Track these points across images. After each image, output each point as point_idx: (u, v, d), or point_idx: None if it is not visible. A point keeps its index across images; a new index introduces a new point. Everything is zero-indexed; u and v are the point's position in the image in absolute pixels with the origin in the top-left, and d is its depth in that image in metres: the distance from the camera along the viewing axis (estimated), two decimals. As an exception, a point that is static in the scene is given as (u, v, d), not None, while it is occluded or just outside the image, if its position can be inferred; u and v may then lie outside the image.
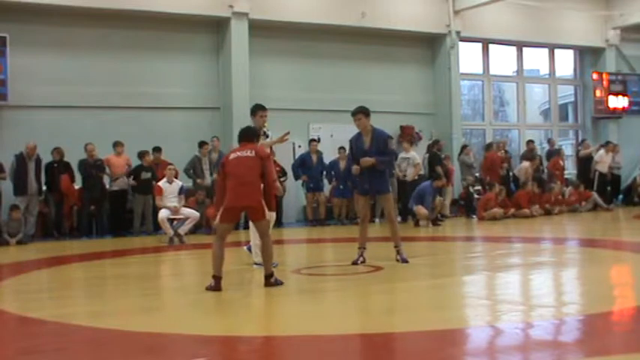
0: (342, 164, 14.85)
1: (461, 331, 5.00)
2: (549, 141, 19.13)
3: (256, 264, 7.96)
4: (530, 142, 17.90)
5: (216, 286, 6.66)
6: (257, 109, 8.43)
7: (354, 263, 8.09)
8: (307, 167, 15.07)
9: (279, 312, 6.08)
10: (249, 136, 7.20)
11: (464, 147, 16.76)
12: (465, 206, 16.17)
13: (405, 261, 8.14)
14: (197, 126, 15.19)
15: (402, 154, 14.93)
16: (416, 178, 14.87)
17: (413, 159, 14.91)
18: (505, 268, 8.25)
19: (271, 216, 7.47)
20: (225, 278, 6.78)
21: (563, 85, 21.10)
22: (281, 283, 6.87)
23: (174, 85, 15.28)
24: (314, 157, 15.14)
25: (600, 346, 4.48)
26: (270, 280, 6.83)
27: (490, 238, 11.78)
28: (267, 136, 8.37)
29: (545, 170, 17.66)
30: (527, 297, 6.57)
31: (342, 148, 14.91)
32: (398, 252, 8.24)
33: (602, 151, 17.81)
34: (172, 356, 4.52)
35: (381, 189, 8.30)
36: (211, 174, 13.91)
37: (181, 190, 12.25)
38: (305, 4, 16.12)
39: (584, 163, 18.05)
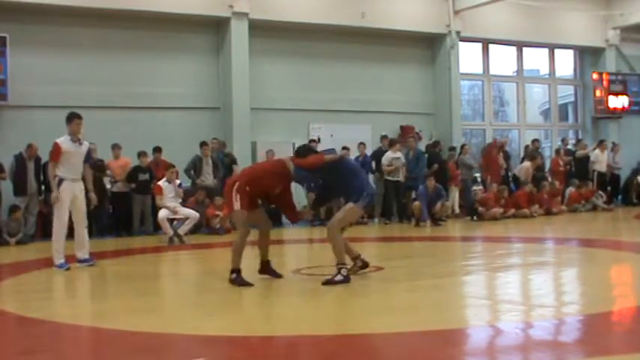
0: None
1: (461, 331, 5.00)
2: (563, 140, 19.15)
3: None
4: (535, 140, 17.86)
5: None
6: (73, 117, 8.80)
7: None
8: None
9: (279, 312, 6.07)
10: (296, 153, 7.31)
11: (462, 147, 16.74)
12: (464, 206, 16.15)
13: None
14: (197, 126, 15.17)
15: (389, 154, 14.77)
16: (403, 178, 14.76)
17: (403, 159, 14.83)
18: (505, 268, 8.25)
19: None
20: (225, 278, 6.78)
21: (563, 85, 21.08)
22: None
23: (174, 85, 15.28)
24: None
25: (600, 346, 4.48)
26: (232, 276, 6.87)
27: (490, 238, 11.78)
28: (81, 144, 8.75)
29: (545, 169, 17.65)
30: (527, 297, 6.57)
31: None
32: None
33: (597, 151, 17.81)
34: (172, 356, 4.52)
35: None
36: (214, 175, 13.88)
37: (180, 185, 12.36)
38: (305, 4, 16.12)
39: (582, 163, 18.02)
